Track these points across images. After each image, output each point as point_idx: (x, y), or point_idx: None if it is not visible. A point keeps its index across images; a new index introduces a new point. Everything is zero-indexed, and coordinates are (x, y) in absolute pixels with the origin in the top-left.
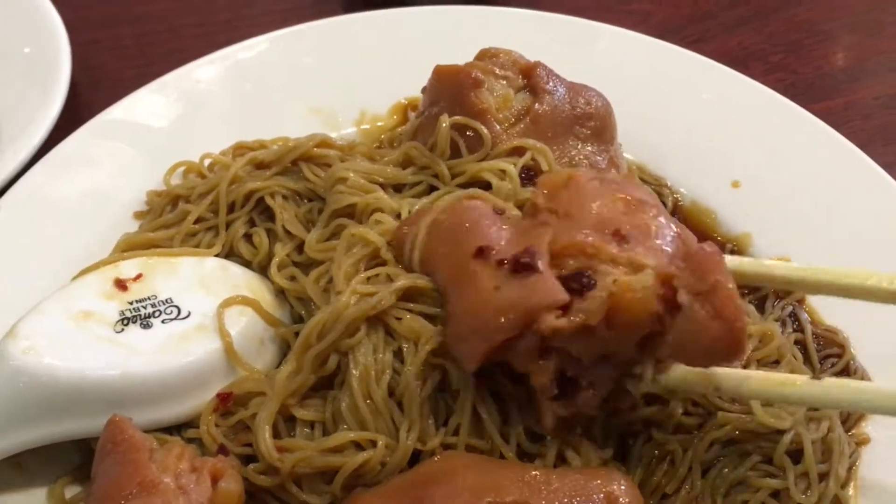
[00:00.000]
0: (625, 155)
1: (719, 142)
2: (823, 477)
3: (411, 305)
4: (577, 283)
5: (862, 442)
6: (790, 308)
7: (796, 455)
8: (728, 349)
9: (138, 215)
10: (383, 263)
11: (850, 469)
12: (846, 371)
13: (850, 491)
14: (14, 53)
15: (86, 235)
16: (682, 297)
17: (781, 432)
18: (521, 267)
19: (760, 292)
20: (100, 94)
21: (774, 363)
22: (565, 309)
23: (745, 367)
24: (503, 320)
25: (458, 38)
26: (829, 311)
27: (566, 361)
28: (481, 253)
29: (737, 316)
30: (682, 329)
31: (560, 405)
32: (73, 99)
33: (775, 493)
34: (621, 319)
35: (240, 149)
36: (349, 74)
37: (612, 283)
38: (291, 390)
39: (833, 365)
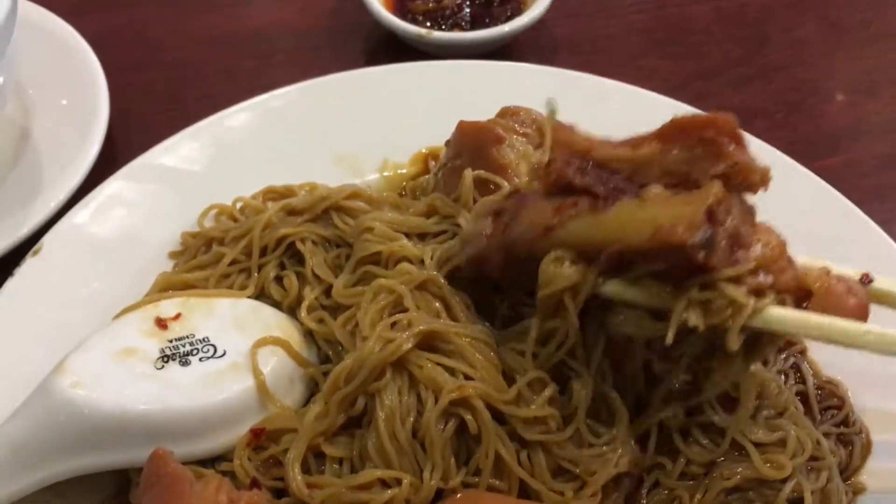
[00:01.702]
0: None
1: None
2: None
3: (430, 356)
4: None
5: (858, 491)
6: (792, 360)
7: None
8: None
9: (173, 255)
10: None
11: None
12: (845, 423)
13: None
14: (54, 95)
15: (124, 274)
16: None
17: (784, 481)
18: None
19: None
20: (132, 135)
21: (779, 415)
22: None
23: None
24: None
25: (475, 91)
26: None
27: (726, 207)
28: None
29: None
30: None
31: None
32: (107, 141)
33: None
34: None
35: (269, 193)
36: (373, 124)
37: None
38: (319, 431)
39: (833, 416)
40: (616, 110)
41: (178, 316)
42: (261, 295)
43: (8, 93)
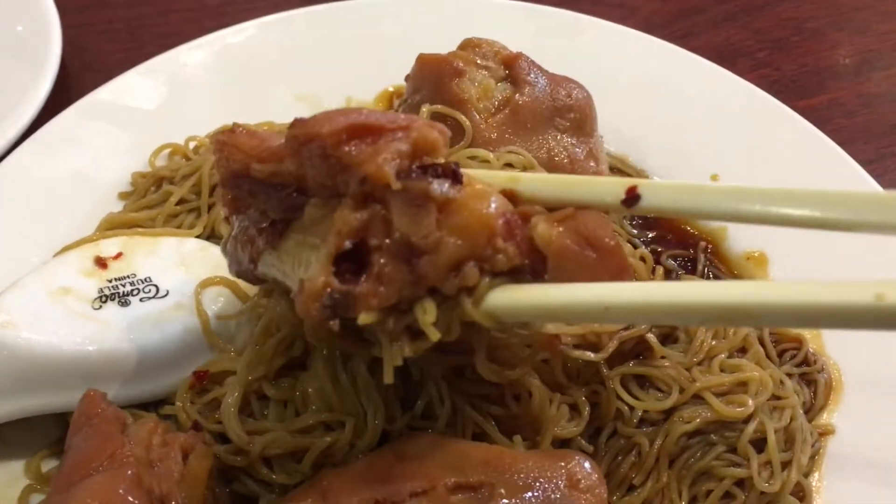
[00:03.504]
0: (607, 147)
1: (701, 136)
2: (786, 465)
3: None
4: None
5: (826, 433)
6: None
7: (760, 444)
8: (613, 275)
9: (123, 196)
10: None
11: (812, 458)
12: (806, 362)
13: (815, 481)
14: (5, 34)
15: (70, 214)
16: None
17: (745, 422)
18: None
19: None
20: (89, 75)
21: (741, 351)
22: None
23: (711, 357)
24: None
25: (444, 27)
26: None
27: (376, 226)
28: None
29: (607, 235)
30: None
31: (337, 276)
32: (62, 80)
33: (740, 482)
34: (456, 221)
35: None
36: (336, 61)
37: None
38: (255, 377)
39: (793, 357)
40: (591, 48)
41: (119, 255)
42: (211, 235)
43: None
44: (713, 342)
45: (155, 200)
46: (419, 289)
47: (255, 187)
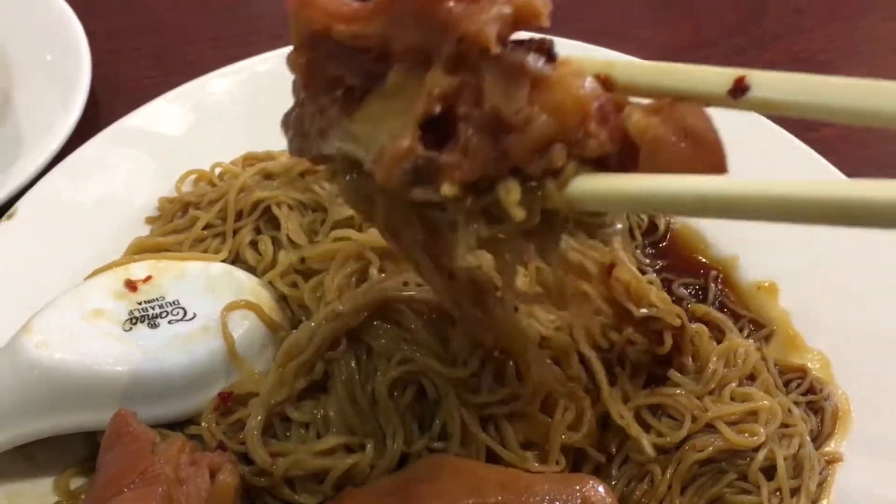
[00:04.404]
0: None
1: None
2: (795, 492)
3: (385, 326)
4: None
5: (834, 460)
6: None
7: (769, 471)
8: (709, 170)
9: (150, 220)
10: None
11: (821, 485)
12: (811, 391)
13: None
14: (36, 60)
15: (100, 238)
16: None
17: (755, 449)
18: None
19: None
20: (117, 101)
21: (750, 378)
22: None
23: (723, 386)
24: None
25: None
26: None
27: (467, 94)
28: None
29: (708, 127)
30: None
31: (421, 145)
32: (91, 106)
33: None
34: (549, 99)
35: (249, 159)
36: None
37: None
38: (277, 400)
39: (798, 385)
40: None
41: (148, 278)
42: (236, 259)
43: None
44: (725, 370)
45: (182, 225)
46: (503, 167)
47: (335, 50)
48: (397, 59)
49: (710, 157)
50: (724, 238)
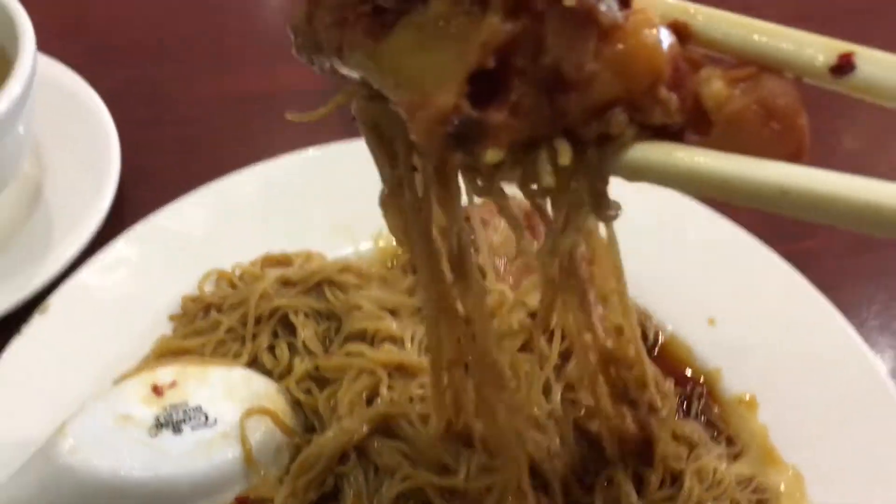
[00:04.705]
0: None
1: (699, 279)
2: None
3: (388, 441)
4: None
5: None
6: None
7: None
8: (789, 157)
9: (173, 318)
10: None
11: None
12: None
13: None
14: (66, 149)
15: (126, 335)
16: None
17: None
18: None
19: None
20: (142, 192)
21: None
22: None
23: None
24: None
25: None
26: None
27: (526, 43)
28: None
29: (797, 108)
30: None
31: (466, 100)
32: (117, 196)
33: None
34: (617, 54)
35: (267, 260)
36: (371, 193)
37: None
38: None
39: None
40: None
41: (173, 383)
42: (253, 362)
43: (26, 149)
44: (705, 491)
45: (204, 327)
46: (553, 128)
47: None
48: None
49: (793, 143)
50: (710, 350)
